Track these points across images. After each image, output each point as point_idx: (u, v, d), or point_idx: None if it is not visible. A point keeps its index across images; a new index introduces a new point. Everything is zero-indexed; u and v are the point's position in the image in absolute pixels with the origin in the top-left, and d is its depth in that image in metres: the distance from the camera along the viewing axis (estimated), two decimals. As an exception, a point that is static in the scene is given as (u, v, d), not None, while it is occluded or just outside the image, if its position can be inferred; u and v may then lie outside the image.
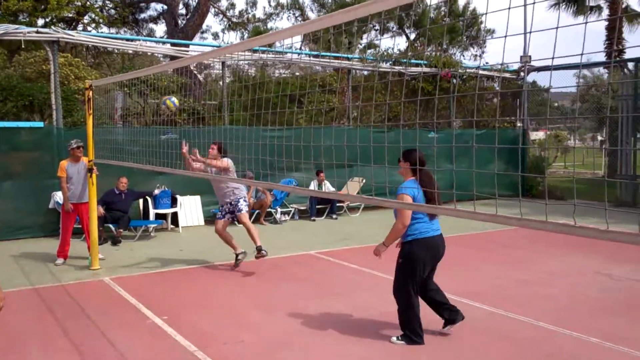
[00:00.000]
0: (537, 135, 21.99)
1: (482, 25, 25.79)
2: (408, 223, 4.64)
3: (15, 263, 8.08)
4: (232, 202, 7.50)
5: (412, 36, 25.54)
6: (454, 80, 15.98)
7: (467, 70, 16.22)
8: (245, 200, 7.60)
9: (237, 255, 7.53)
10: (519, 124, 16.68)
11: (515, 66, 16.18)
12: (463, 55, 24.77)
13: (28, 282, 7.02)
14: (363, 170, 11.98)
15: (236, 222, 7.73)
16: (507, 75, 16.50)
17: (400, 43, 24.92)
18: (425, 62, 15.91)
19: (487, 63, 18.32)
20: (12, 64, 14.21)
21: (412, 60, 16.05)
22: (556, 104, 22.12)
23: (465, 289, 6.48)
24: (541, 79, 17.51)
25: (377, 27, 23.82)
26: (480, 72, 16.86)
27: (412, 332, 4.76)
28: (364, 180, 12.30)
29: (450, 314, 4.96)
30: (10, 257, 8.43)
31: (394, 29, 25.10)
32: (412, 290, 4.74)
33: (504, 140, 16.02)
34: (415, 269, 4.70)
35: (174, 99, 7.40)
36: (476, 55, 27.16)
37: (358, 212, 13.15)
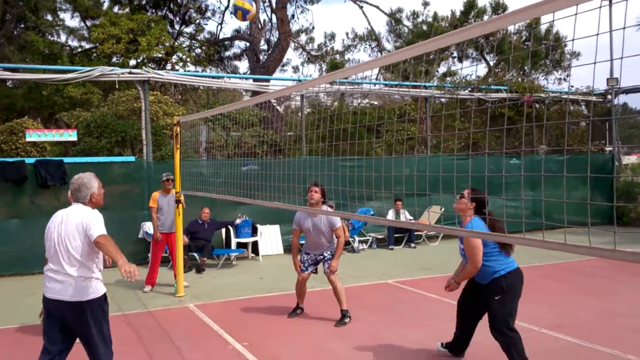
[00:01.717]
0: (630, 159, 20.81)
1: (567, 49, 24.95)
2: (479, 265, 4.52)
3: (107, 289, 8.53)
4: (324, 256, 6.66)
5: (492, 62, 25.09)
6: (537, 105, 15.51)
7: (551, 94, 15.72)
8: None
9: (297, 308, 6.97)
10: (607, 149, 15.91)
11: (602, 89, 15.52)
12: (547, 79, 24.03)
13: (118, 308, 7.39)
14: (442, 198, 11.80)
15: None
16: (594, 98, 15.84)
17: (479, 69, 24.51)
18: (505, 87, 15.58)
19: (572, 86, 17.66)
20: (106, 103, 15.24)
21: (493, 86, 15.76)
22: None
23: (549, 321, 6.23)
24: (632, 101, 16.67)
25: (456, 54, 23.62)
26: (565, 96, 16.27)
27: None
28: (443, 209, 12.09)
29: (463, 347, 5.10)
30: (103, 284, 8.91)
31: (473, 55, 24.79)
32: (513, 323, 4.55)
33: (592, 165, 15.31)
34: (515, 300, 4.53)
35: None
36: (560, 79, 26.25)
37: (437, 240, 12.91)
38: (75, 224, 3.83)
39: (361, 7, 23.46)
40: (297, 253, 6.85)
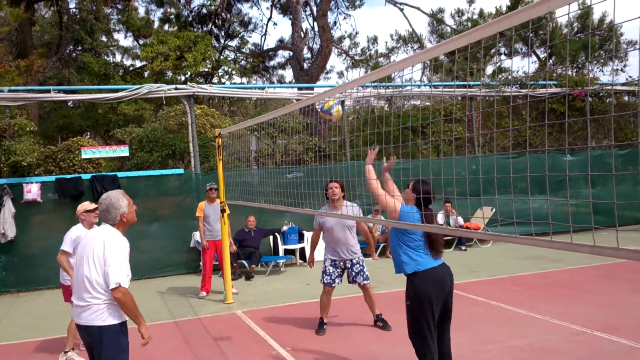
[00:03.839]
0: None
1: (623, 38, 24.05)
2: (385, 204, 4.36)
3: (160, 298, 8.83)
4: (353, 261, 6.44)
5: (543, 56, 24.43)
6: (589, 99, 15.00)
7: (604, 87, 15.16)
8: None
9: (322, 323, 6.59)
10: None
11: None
12: (602, 71, 23.18)
13: (170, 315, 7.64)
14: (493, 198, 11.55)
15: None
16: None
17: (525, 65, 23.89)
18: (554, 82, 15.14)
19: (630, 77, 16.90)
20: (157, 118, 15.75)
21: (541, 82, 15.35)
22: None
23: (603, 323, 6.02)
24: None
25: (503, 50, 23.14)
26: (619, 87, 15.68)
27: None
28: (494, 210, 11.85)
29: None
30: (156, 293, 9.23)
31: (523, 51, 24.19)
32: (428, 335, 4.22)
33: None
34: (423, 307, 4.21)
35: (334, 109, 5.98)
36: (617, 70, 25.24)
37: (489, 243, 12.67)
38: (98, 256, 3.54)
39: (401, 10, 23.35)
40: (314, 249, 6.79)
